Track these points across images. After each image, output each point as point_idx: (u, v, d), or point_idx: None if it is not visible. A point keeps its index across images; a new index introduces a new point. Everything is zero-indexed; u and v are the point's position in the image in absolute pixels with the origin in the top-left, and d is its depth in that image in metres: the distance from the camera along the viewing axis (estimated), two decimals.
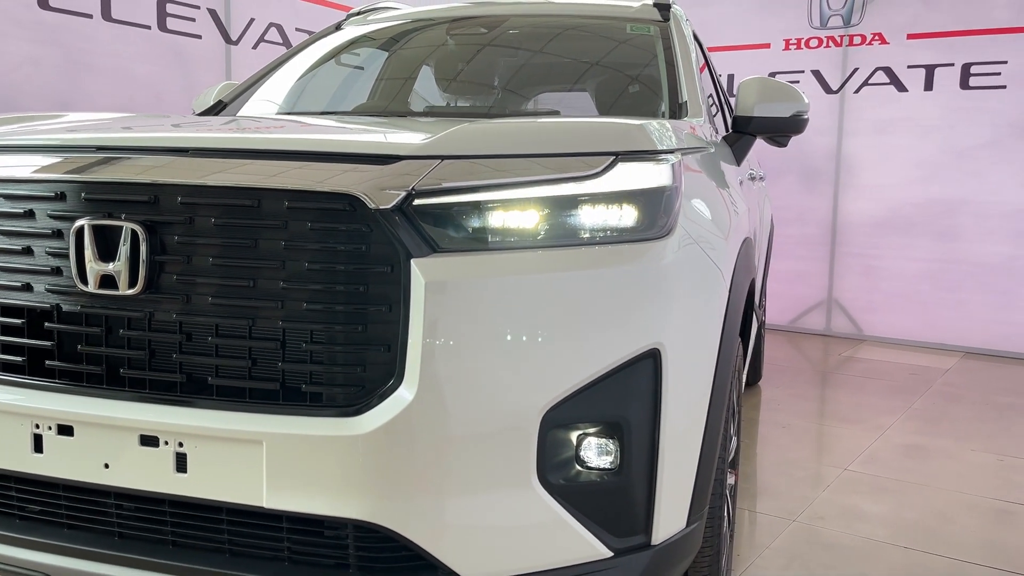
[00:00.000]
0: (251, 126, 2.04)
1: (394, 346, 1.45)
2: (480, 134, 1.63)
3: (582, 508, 1.54)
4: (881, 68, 6.78)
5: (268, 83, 3.24)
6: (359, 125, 2.12)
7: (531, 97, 3.57)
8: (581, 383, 1.51)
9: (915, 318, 6.72)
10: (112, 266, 1.52)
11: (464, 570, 1.48)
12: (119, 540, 1.59)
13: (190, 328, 1.53)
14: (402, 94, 3.53)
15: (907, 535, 2.93)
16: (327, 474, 1.44)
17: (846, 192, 6.99)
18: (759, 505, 3.16)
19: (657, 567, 1.64)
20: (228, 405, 1.50)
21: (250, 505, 1.48)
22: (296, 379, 1.48)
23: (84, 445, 1.56)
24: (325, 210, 1.47)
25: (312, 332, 1.47)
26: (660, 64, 2.86)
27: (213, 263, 1.50)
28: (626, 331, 1.54)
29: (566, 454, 1.54)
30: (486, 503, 1.48)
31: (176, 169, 1.56)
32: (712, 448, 1.77)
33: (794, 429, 4.25)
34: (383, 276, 1.45)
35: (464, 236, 1.50)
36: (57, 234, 1.58)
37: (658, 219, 1.62)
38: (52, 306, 1.59)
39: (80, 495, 1.60)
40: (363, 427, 1.43)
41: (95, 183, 1.56)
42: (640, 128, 1.71)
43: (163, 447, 1.52)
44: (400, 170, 1.49)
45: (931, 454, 3.88)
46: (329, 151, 1.56)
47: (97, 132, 1.77)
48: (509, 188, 1.52)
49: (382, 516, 1.44)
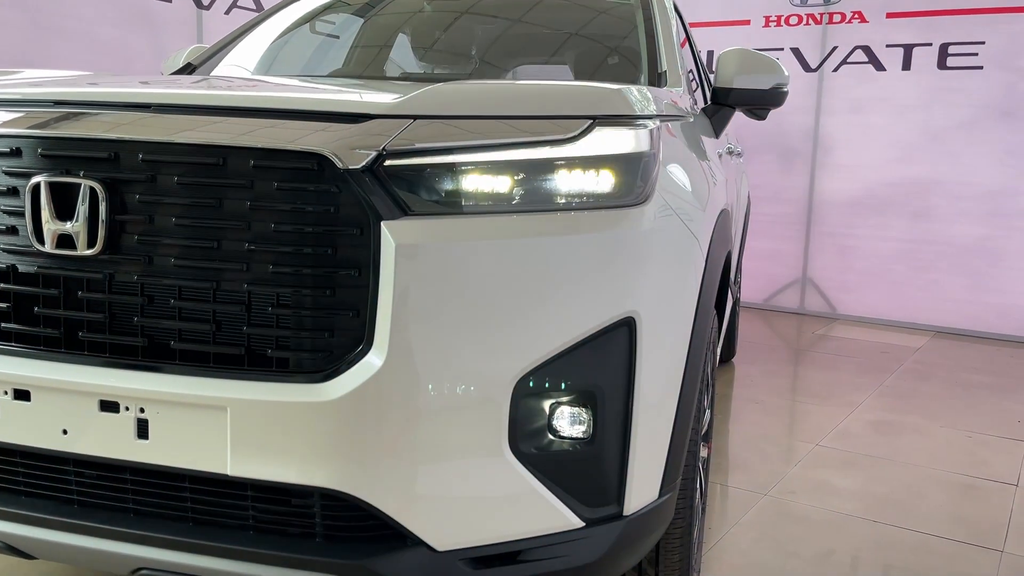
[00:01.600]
0: (219, 85, 1.97)
1: (363, 311, 1.41)
2: (454, 94, 1.58)
3: (554, 478, 1.52)
4: (860, 47, 6.78)
5: (240, 46, 3.16)
6: (331, 85, 2.06)
7: (510, 69, 3.52)
8: (554, 351, 1.48)
9: (887, 297, 6.78)
10: (70, 225, 1.47)
11: (432, 540, 1.45)
12: (78, 508, 1.55)
13: (152, 291, 1.47)
14: (377, 61, 3.46)
15: (876, 509, 2.95)
16: (293, 441, 1.41)
17: (823, 171, 7.00)
18: (731, 479, 3.17)
19: (629, 537, 1.62)
20: (191, 370, 1.45)
21: (214, 473, 1.44)
22: (262, 344, 1.44)
23: (41, 410, 1.51)
24: (292, 169, 1.42)
25: (278, 296, 1.42)
26: (640, 35, 2.82)
27: (176, 223, 1.45)
28: (601, 299, 1.51)
29: (538, 423, 1.51)
30: (456, 472, 1.45)
31: (138, 126, 1.50)
32: (686, 419, 1.75)
33: (767, 405, 4.27)
34: (352, 239, 1.41)
35: (436, 199, 1.46)
36: (12, 191, 1.52)
37: (635, 185, 1.59)
38: (7, 267, 1.53)
39: (38, 462, 1.55)
40: (330, 393, 1.39)
41: (52, 138, 1.50)
42: (619, 92, 1.67)
43: (123, 413, 1.47)
44: (370, 129, 1.45)
45: (901, 430, 3.92)
46: (297, 109, 1.50)
47: (57, 87, 1.71)
48: (483, 151, 1.48)
49: (349, 484, 1.41)
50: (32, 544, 1.58)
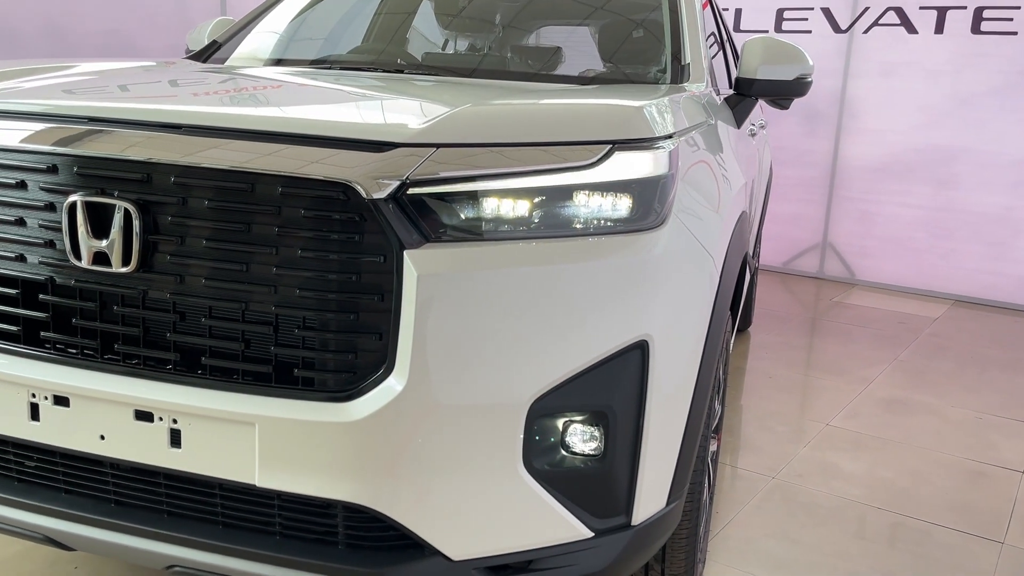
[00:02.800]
0: (246, 93, 2.01)
1: (385, 335, 1.47)
2: (476, 120, 1.61)
3: (565, 492, 1.59)
4: (892, 8, 6.62)
5: (263, 22, 3.17)
6: (355, 93, 2.08)
7: (533, 31, 3.51)
8: (569, 374, 1.53)
9: (908, 264, 6.75)
10: (105, 243, 1.53)
11: (449, 550, 1.54)
12: (115, 507, 1.64)
13: (183, 308, 1.54)
14: (400, 32, 3.45)
15: (881, 495, 3.02)
16: (318, 457, 1.48)
17: (847, 135, 6.92)
18: (741, 461, 3.25)
19: (636, 545, 1.70)
20: (221, 385, 1.53)
21: (242, 483, 1.52)
22: (288, 363, 1.51)
23: (80, 416, 1.59)
24: (319, 197, 1.46)
25: (304, 318, 1.48)
26: (664, 22, 2.80)
27: (206, 245, 1.51)
28: (615, 323, 1.56)
29: (551, 440, 1.57)
30: (472, 487, 1.52)
31: (169, 146, 1.54)
32: (695, 430, 1.81)
33: (780, 379, 4.32)
34: (376, 265, 1.46)
35: (457, 226, 1.50)
36: (50, 207, 1.57)
37: (652, 209, 1.62)
38: (46, 278, 1.60)
39: (77, 462, 1.64)
40: (353, 414, 1.46)
41: (87, 158, 1.55)
42: (638, 114, 1.69)
43: (157, 423, 1.55)
44: (394, 158, 1.48)
45: (912, 410, 3.97)
46: (325, 135, 1.53)
47: (91, 99, 1.75)
48: (504, 178, 1.52)
49: (370, 499, 1.49)
50: (71, 538, 1.68)
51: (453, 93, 2.03)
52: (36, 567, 2.22)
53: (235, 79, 2.20)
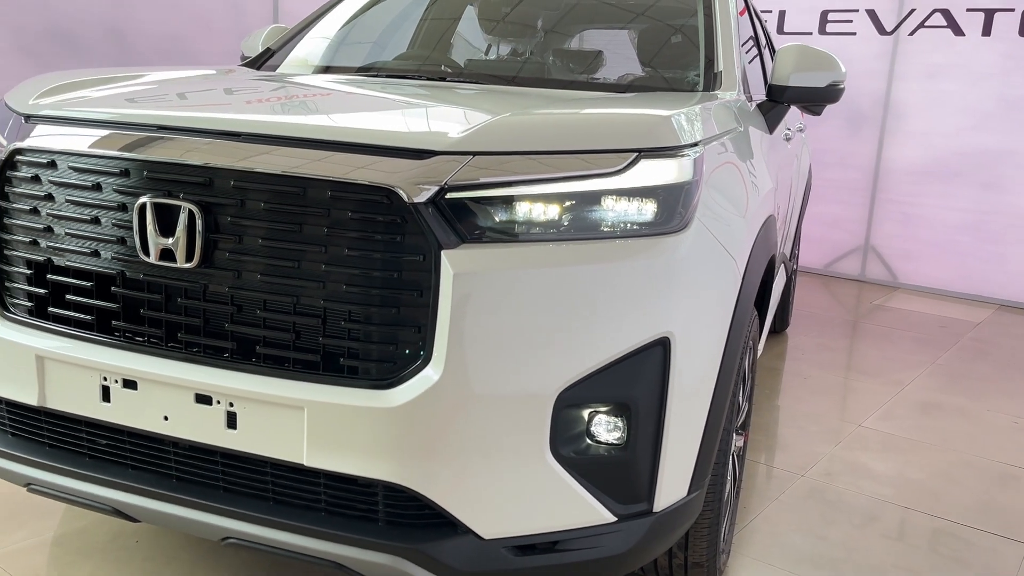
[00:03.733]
0: (298, 101, 2.15)
1: (424, 328, 1.59)
2: (510, 129, 1.72)
3: (590, 478, 1.70)
4: (939, 10, 6.58)
5: (317, 28, 3.32)
6: (399, 102, 2.21)
7: (574, 35, 3.62)
8: (594, 367, 1.64)
9: (951, 268, 6.71)
10: (171, 240, 1.67)
11: (480, 529, 1.65)
12: (176, 483, 1.79)
13: (240, 301, 1.68)
14: (444, 39, 3.58)
15: (909, 495, 3.06)
16: (361, 440, 1.61)
17: (891, 138, 6.89)
18: (771, 459, 3.32)
19: (658, 531, 1.80)
20: (274, 372, 1.66)
21: (292, 462, 1.66)
22: (335, 352, 1.64)
23: (146, 399, 1.74)
24: (365, 200, 1.59)
25: (350, 311, 1.61)
26: (699, 30, 2.88)
27: (262, 243, 1.64)
28: (638, 321, 1.66)
29: (577, 430, 1.68)
30: (502, 471, 1.64)
31: (229, 152, 1.68)
32: (716, 423, 1.90)
33: (815, 381, 4.37)
34: (415, 264, 1.58)
35: (491, 228, 1.61)
36: (122, 207, 1.73)
37: (676, 213, 1.72)
38: (117, 272, 1.76)
39: (143, 441, 1.80)
40: (393, 400, 1.59)
41: (156, 163, 1.70)
42: (665, 122, 1.79)
43: (216, 406, 1.69)
44: (434, 165, 1.60)
45: (946, 413, 3.98)
46: (371, 143, 1.66)
47: (159, 108, 1.90)
48: (536, 184, 1.63)
49: (409, 479, 1.61)
50: (136, 510, 1.83)
51: (490, 102, 2.14)
52: (99, 540, 2.39)
53: (287, 88, 2.34)
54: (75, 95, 2.01)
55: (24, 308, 1.88)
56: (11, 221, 1.87)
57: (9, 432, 1.94)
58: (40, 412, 1.87)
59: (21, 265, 1.87)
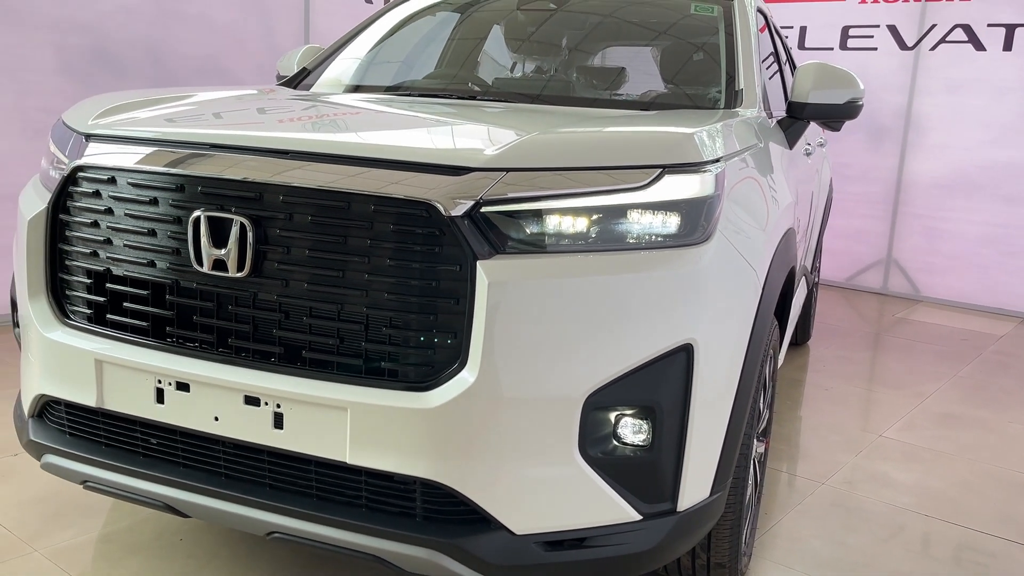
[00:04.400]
0: (339, 120, 2.26)
1: (460, 334, 1.69)
2: (541, 146, 1.82)
3: (616, 477, 1.78)
4: (960, 25, 6.64)
5: (348, 49, 3.45)
6: (433, 121, 2.31)
7: (597, 53, 3.72)
8: (620, 372, 1.73)
9: (974, 281, 6.72)
10: (223, 251, 1.79)
11: (512, 525, 1.74)
12: (225, 480, 1.89)
13: (288, 308, 1.79)
14: (471, 58, 3.70)
15: (929, 504, 3.12)
16: (400, 439, 1.71)
17: (913, 152, 6.93)
18: (792, 467, 3.38)
19: (681, 530, 1.88)
20: (319, 375, 1.77)
21: (335, 460, 1.76)
22: (376, 357, 1.74)
23: (198, 400, 1.85)
24: (405, 214, 1.70)
25: (391, 318, 1.72)
26: (720, 48, 2.98)
27: (308, 254, 1.75)
28: (663, 328, 1.75)
29: (604, 431, 1.77)
30: (533, 470, 1.73)
31: (278, 169, 1.80)
32: (738, 426, 1.98)
33: (837, 392, 4.42)
34: (452, 273, 1.68)
35: (523, 240, 1.71)
36: (177, 221, 1.85)
37: (698, 226, 1.81)
38: (172, 281, 1.87)
39: (194, 440, 1.90)
40: (431, 402, 1.68)
41: (209, 179, 1.82)
42: (688, 139, 1.88)
43: (264, 407, 1.80)
44: (470, 180, 1.71)
45: (968, 424, 4.02)
46: (410, 160, 1.77)
47: (211, 127, 2.02)
48: (565, 198, 1.73)
49: (445, 476, 1.71)
50: (187, 506, 1.94)
51: (520, 121, 2.25)
52: (144, 538, 2.51)
53: (327, 108, 2.46)
54: (130, 115, 2.13)
55: (83, 315, 2.00)
56: (72, 234, 1.99)
57: (67, 432, 2.06)
58: (97, 413, 1.98)
59: (81, 275, 1.99)
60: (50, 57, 4.57)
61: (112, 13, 4.78)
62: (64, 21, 4.58)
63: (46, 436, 2.08)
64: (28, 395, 2.11)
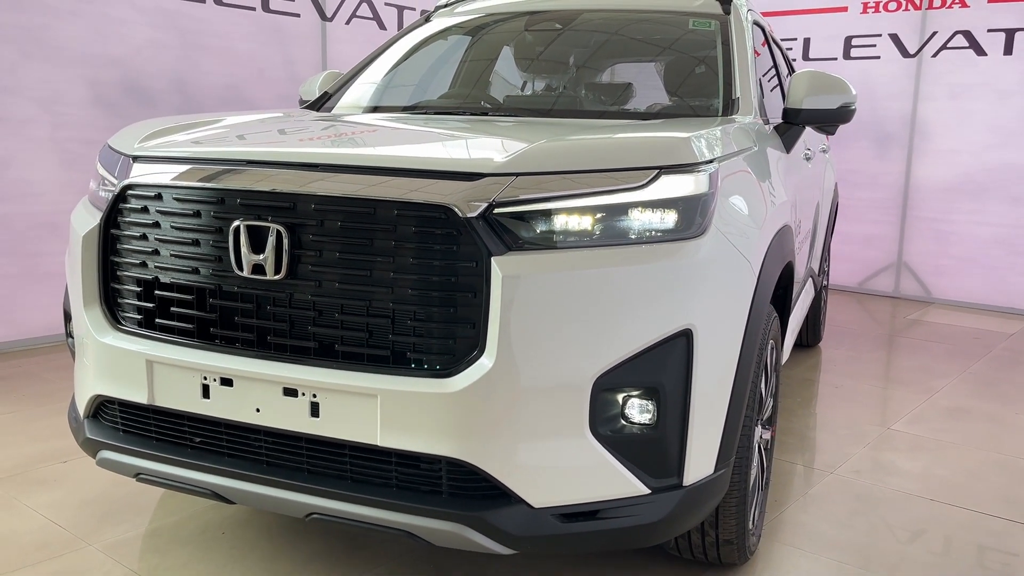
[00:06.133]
0: (363, 136, 2.45)
1: (478, 324, 1.86)
2: (547, 152, 2.00)
3: (625, 454, 1.94)
4: (960, 32, 6.78)
5: (366, 73, 3.65)
6: (448, 134, 2.50)
7: (604, 70, 3.90)
8: (626, 356, 1.89)
9: (985, 282, 6.82)
10: (261, 257, 1.97)
11: (530, 498, 1.90)
12: (266, 466, 2.06)
13: (321, 306, 1.96)
14: (483, 78, 3.89)
15: (935, 490, 3.23)
16: (426, 421, 1.87)
17: (919, 157, 7.06)
18: (801, 458, 3.51)
19: (688, 503, 2.03)
20: (351, 366, 1.94)
21: (367, 443, 1.93)
22: (403, 348, 1.91)
23: (241, 394, 2.03)
24: (425, 217, 1.87)
25: (415, 312, 1.89)
26: (718, 60, 3.15)
27: (339, 256, 1.93)
28: (663, 315, 1.91)
29: (613, 411, 1.93)
30: (548, 448, 1.89)
31: (309, 181, 1.98)
32: (738, 406, 2.13)
33: (847, 390, 4.54)
34: (469, 269, 1.86)
35: (534, 237, 1.89)
36: (219, 231, 2.03)
37: (694, 222, 1.98)
38: (215, 286, 2.06)
39: (237, 431, 2.08)
40: (453, 387, 1.85)
41: (247, 191, 2.01)
42: (683, 142, 2.05)
43: (301, 397, 1.97)
44: (483, 185, 1.88)
45: (975, 417, 4.13)
46: (429, 169, 1.95)
47: (247, 146, 2.22)
48: (571, 199, 1.90)
49: (468, 455, 1.87)
50: (232, 492, 2.11)
51: (528, 131, 2.43)
52: (190, 532, 2.68)
53: (350, 126, 2.65)
54: (171, 138, 2.33)
55: (134, 321, 2.19)
56: (123, 247, 2.19)
57: (121, 429, 2.24)
58: (148, 410, 2.16)
59: (132, 284, 2.18)
60: (83, 90, 4.82)
61: (141, 48, 5.03)
62: (96, 56, 4.84)
63: (101, 434, 2.26)
64: (83, 397, 2.29)
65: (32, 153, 4.66)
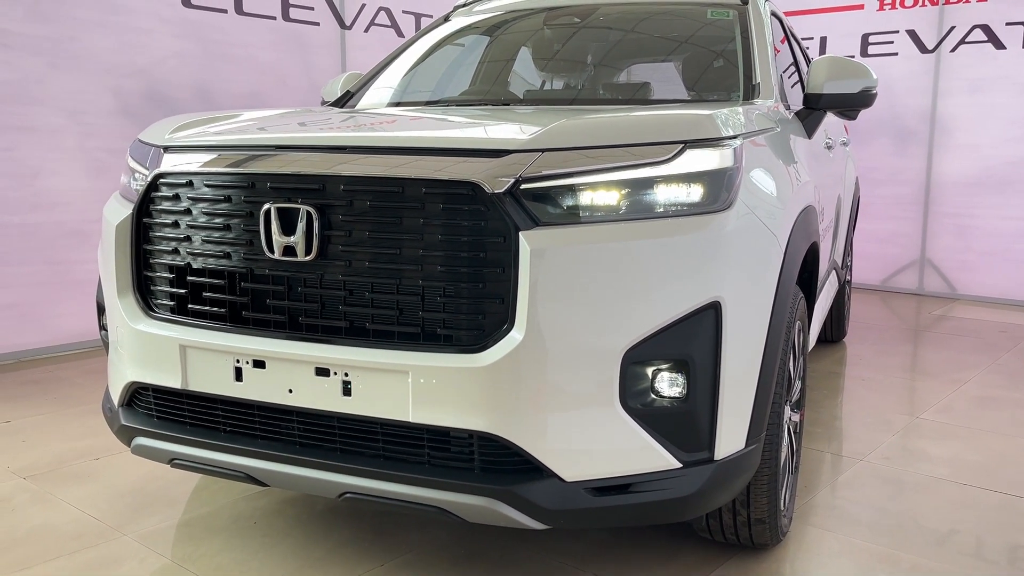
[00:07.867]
0: (388, 123, 2.48)
1: (507, 299, 1.87)
2: (572, 129, 2.02)
3: (656, 428, 1.94)
4: (979, 26, 6.76)
5: (387, 72, 3.69)
6: (473, 120, 2.52)
7: (623, 69, 3.91)
8: (655, 328, 1.89)
9: (1010, 276, 6.75)
10: (292, 238, 2.00)
11: (562, 472, 1.90)
12: (299, 447, 2.08)
13: (352, 286, 1.99)
14: (503, 76, 3.92)
15: (966, 474, 3.20)
16: (457, 396, 1.89)
17: (940, 152, 7.02)
18: (830, 447, 3.49)
19: (719, 478, 2.02)
20: (382, 344, 1.96)
21: (399, 420, 1.94)
22: (433, 324, 1.93)
23: (273, 375, 2.05)
24: (453, 194, 1.89)
25: (444, 288, 1.91)
26: (737, 47, 3.16)
27: (368, 235, 1.96)
28: (692, 287, 1.92)
29: (643, 384, 1.93)
30: (579, 421, 1.90)
31: (338, 162, 2.01)
32: (768, 382, 2.13)
33: (873, 382, 4.51)
34: (497, 245, 1.87)
35: (560, 212, 1.90)
36: (249, 215, 2.06)
37: (720, 195, 1.98)
38: (247, 269, 2.08)
39: (270, 413, 2.10)
40: (484, 361, 1.86)
41: (277, 174, 2.04)
42: (708, 118, 2.06)
43: (333, 377, 1.99)
44: (510, 161, 1.90)
45: (1005, 405, 4.09)
46: (456, 147, 1.97)
47: (273, 132, 2.25)
48: (596, 173, 1.92)
49: (499, 429, 1.88)
50: (266, 474, 2.13)
51: (551, 116, 2.44)
52: (223, 522, 2.70)
53: (373, 116, 2.69)
54: (200, 129, 2.37)
55: (167, 307, 2.22)
56: (155, 235, 2.22)
57: (155, 416, 2.27)
58: (181, 395, 2.19)
59: (164, 271, 2.22)
60: (110, 101, 4.90)
61: (165, 58, 5.11)
62: (122, 67, 4.92)
63: (136, 421, 2.29)
64: (118, 385, 2.32)
65: (61, 163, 4.74)
